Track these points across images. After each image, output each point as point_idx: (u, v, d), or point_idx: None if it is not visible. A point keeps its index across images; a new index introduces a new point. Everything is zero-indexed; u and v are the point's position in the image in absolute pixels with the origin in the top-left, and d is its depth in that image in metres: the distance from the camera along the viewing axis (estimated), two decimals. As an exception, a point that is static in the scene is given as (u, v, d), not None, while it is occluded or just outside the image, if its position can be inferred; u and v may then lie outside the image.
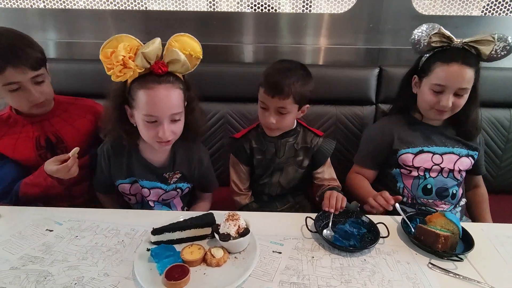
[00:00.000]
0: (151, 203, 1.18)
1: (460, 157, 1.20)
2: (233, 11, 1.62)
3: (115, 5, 1.61)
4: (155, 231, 0.87)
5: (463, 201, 1.27)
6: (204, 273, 0.79)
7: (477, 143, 1.23)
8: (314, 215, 0.98)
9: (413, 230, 0.95)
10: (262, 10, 1.61)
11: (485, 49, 1.07)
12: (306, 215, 0.97)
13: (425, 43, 1.14)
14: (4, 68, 0.98)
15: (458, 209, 1.24)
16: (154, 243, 0.88)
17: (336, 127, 1.57)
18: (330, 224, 0.96)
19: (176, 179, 1.17)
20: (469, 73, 1.07)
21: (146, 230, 0.95)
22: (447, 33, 1.09)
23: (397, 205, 1.02)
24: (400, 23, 1.58)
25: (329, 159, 1.28)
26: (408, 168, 1.21)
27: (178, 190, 1.19)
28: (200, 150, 1.21)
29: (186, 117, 1.06)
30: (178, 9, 1.62)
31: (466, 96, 1.11)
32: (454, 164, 1.19)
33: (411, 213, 1.02)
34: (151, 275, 0.78)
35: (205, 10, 1.62)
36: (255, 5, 1.61)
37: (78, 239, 0.92)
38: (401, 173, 1.23)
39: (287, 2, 1.63)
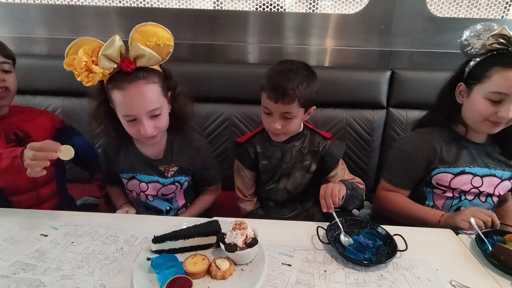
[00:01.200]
0: (150, 198, 1.15)
1: (502, 180, 1.07)
2: (238, 9, 1.57)
3: (119, 1, 1.57)
4: (156, 239, 0.81)
5: (472, 220, 1.05)
6: (208, 287, 0.73)
7: None
8: (325, 225, 0.91)
9: (490, 248, 0.86)
10: (269, 9, 1.56)
11: None
12: (317, 224, 0.91)
13: (479, 46, 1.00)
14: None
15: None
16: (155, 252, 0.82)
17: (346, 131, 1.52)
18: (342, 232, 0.90)
19: (174, 172, 1.13)
20: None
21: (147, 237, 0.89)
22: (509, 33, 0.96)
23: (472, 220, 0.93)
24: (414, 25, 1.53)
25: (342, 162, 1.20)
26: (442, 188, 1.09)
27: (176, 184, 1.15)
28: (196, 139, 1.20)
29: (172, 106, 1.06)
30: (184, 7, 1.57)
31: None
32: (495, 189, 1.07)
33: (487, 230, 0.91)
34: (151, 288, 0.72)
35: (211, 8, 1.58)
36: (260, 5, 1.57)
37: (74, 246, 0.86)
38: (432, 191, 1.12)
39: (293, 2, 1.58)
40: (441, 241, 0.92)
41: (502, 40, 0.96)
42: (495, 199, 1.10)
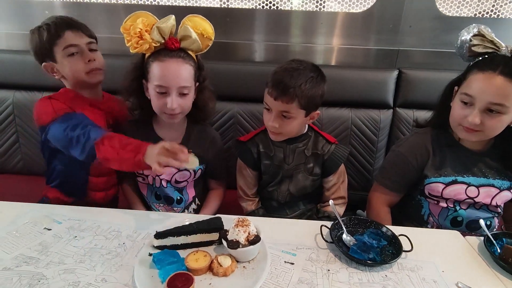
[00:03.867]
0: (164, 183, 1.17)
1: (501, 190, 1.01)
2: (245, 7, 1.56)
3: (128, -1, 1.58)
4: (158, 235, 0.81)
5: (481, 221, 0.98)
6: (210, 283, 0.73)
7: None
8: (329, 224, 0.90)
9: (498, 250, 0.84)
10: (276, 7, 1.55)
11: None
12: (321, 223, 0.90)
13: (467, 48, 0.96)
14: (64, 31, 1.06)
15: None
16: (157, 247, 0.81)
17: (351, 131, 1.50)
18: (344, 231, 0.88)
19: None
20: (509, 87, 0.87)
21: (149, 232, 0.89)
22: (490, 36, 0.93)
23: (481, 222, 0.92)
24: (422, 24, 1.50)
25: (345, 173, 1.19)
26: (434, 198, 1.06)
27: (191, 171, 1.17)
28: (213, 132, 1.26)
29: (197, 96, 1.13)
30: (191, 5, 1.57)
31: (503, 118, 0.91)
32: (492, 199, 1.02)
33: (495, 232, 0.90)
34: (152, 283, 0.72)
35: (218, 6, 1.58)
36: (267, 2, 1.56)
37: (77, 240, 0.87)
38: (427, 200, 1.10)
39: (300, 0, 1.57)
40: (448, 242, 0.90)
41: (486, 43, 0.93)
42: (493, 208, 1.04)
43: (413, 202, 1.13)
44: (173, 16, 1.00)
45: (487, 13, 1.48)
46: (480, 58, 0.95)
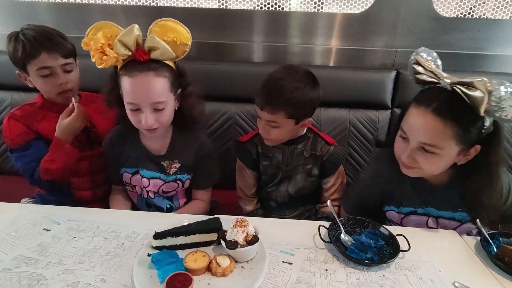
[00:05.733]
0: (151, 194, 1.15)
1: (463, 223, 0.95)
2: (244, 8, 1.57)
3: (125, 0, 1.58)
4: (157, 235, 0.81)
5: (478, 221, 0.91)
6: (209, 284, 0.73)
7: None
8: (327, 224, 0.91)
9: (495, 250, 0.84)
10: (274, 8, 1.56)
11: (477, 100, 0.74)
12: (319, 223, 0.91)
13: (413, 72, 0.87)
14: (39, 53, 1.05)
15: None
16: (156, 248, 0.82)
17: (349, 131, 1.51)
18: (342, 231, 0.89)
19: (176, 170, 1.13)
20: (442, 128, 0.78)
21: (148, 233, 0.89)
22: (430, 66, 0.83)
23: (478, 221, 0.88)
24: (419, 24, 1.51)
25: (343, 174, 1.20)
26: (396, 224, 1.03)
27: (178, 182, 1.15)
28: (201, 139, 1.18)
29: (181, 104, 1.07)
30: (190, 6, 1.58)
31: (437, 159, 0.83)
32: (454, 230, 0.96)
33: (492, 231, 0.88)
34: (151, 283, 0.72)
35: (216, 7, 1.58)
36: (265, 3, 1.56)
37: (76, 241, 0.87)
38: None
39: (298, 1, 1.57)
40: (445, 242, 0.90)
41: (429, 73, 0.83)
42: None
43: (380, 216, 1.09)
44: (136, 26, 0.92)
45: (484, 14, 1.49)
46: (421, 92, 0.86)
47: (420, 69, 0.84)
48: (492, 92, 0.74)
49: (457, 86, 0.77)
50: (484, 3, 1.47)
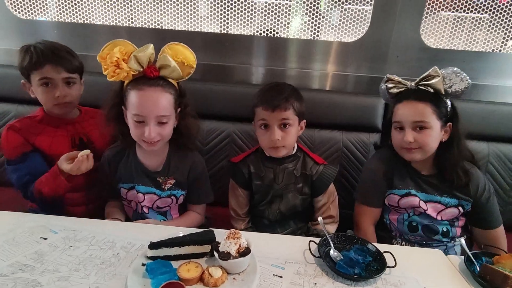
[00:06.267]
0: (145, 209, 1.17)
1: (447, 207, 1.14)
2: (244, 34, 1.66)
3: (132, 22, 1.67)
4: (153, 245, 0.84)
5: (462, 240, 1.02)
6: (201, 293, 0.75)
7: (470, 194, 1.13)
8: (318, 239, 0.94)
9: (478, 269, 0.88)
10: (272, 35, 1.65)
11: (437, 84, 1.08)
12: (309, 239, 0.94)
13: (387, 93, 1.19)
14: (44, 65, 1.11)
15: (457, 243, 1.17)
16: (150, 258, 0.84)
17: (342, 153, 1.56)
18: (332, 247, 0.92)
19: (171, 185, 1.17)
20: (423, 107, 1.08)
21: (143, 244, 0.92)
22: (396, 78, 1.17)
23: (462, 240, 0.99)
24: (408, 54, 1.60)
25: (334, 193, 1.25)
26: (393, 207, 1.19)
27: (172, 197, 1.18)
28: (195, 156, 1.23)
29: (179, 123, 1.13)
30: (193, 30, 1.67)
31: (430, 132, 1.08)
32: (437, 214, 1.14)
33: (476, 251, 0.95)
34: (145, 292, 0.74)
35: (217, 32, 1.67)
36: (264, 30, 1.66)
37: (72, 249, 0.89)
38: (388, 208, 1.21)
39: (296, 29, 1.67)
40: (430, 260, 0.94)
41: (397, 84, 1.17)
42: (444, 217, 1.15)
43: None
44: (152, 45, 1.01)
45: (463, 47, 1.60)
46: (398, 95, 1.17)
47: (390, 84, 1.18)
48: (444, 75, 1.09)
49: (420, 83, 1.12)
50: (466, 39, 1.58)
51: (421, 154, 1.11)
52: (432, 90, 1.10)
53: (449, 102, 1.13)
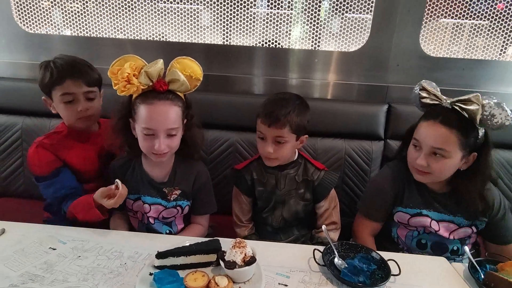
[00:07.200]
0: (151, 220, 1.18)
1: (460, 227, 1.10)
2: (246, 45, 1.69)
3: (136, 35, 1.71)
4: (160, 255, 0.85)
5: (466, 248, 1.01)
6: (207, 302, 0.76)
7: (485, 215, 1.09)
8: (322, 248, 0.95)
9: (482, 276, 0.89)
10: (274, 45, 1.68)
11: (473, 112, 0.96)
12: (314, 247, 0.95)
13: (419, 100, 1.11)
14: (64, 80, 1.13)
15: (465, 258, 1.11)
16: (157, 267, 0.86)
17: (345, 161, 1.57)
18: (336, 255, 0.93)
19: (176, 196, 1.18)
20: (447, 134, 0.98)
21: (150, 254, 0.93)
22: (432, 90, 1.06)
23: (466, 248, 0.98)
24: (409, 62, 1.62)
25: (336, 198, 1.26)
26: (403, 224, 1.16)
27: (178, 208, 1.19)
28: (200, 166, 1.25)
29: (185, 133, 1.15)
30: (196, 41, 1.70)
31: (447, 161, 1.01)
32: (450, 234, 1.10)
33: (480, 259, 0.95)
34: (152, 301, 0.76)
35: (220, 43, 1.71)
36: (266, 41, 1.69)
37: (81, 259, 0.91)
38: (396, 224, 1.18)
39: (297, 40, 1.70)
40: (435, 268, 0.94)
41: (432, 96, 1.06)
42: (456, 236, 1.11)
43: (385, 225, 1.21)
44: (161, 60, 1.03)
45: (462, 55, 1.62)
46: (429, 108, 1.09)
47: (424, 93, 1.08)
48: (484, 104, 0.96)
49: (456, 104, 1.00)
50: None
51: (430, 179, 1.07)
52: (466, 115, 0.98)
53: (481, 131, 1.02)
